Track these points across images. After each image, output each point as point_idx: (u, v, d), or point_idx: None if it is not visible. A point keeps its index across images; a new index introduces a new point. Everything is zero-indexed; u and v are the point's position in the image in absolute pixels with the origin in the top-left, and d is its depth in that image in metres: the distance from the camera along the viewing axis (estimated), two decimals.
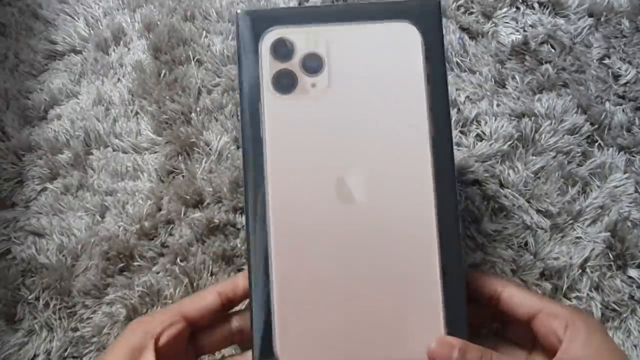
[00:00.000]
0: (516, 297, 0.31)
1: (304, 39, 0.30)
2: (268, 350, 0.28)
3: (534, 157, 0.45)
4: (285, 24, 0.30)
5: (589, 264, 0.43)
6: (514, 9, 0.51)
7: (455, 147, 0.46)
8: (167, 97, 0.48)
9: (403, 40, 0.30)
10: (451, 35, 0.50)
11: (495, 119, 0.47)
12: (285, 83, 0.30)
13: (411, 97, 0.30)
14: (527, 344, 0.33)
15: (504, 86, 0.48)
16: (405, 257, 0.29)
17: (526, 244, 0.43)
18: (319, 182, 0.29)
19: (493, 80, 0.48)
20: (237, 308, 0.34)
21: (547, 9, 0.51)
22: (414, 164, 0.29)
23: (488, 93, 0.48)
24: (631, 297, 0.42)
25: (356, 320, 0.28)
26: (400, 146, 0.29)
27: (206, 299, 0.32)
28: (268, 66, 0.30)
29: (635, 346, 0.41)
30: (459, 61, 0.49)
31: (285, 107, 0.30)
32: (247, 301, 0.33)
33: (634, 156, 0.46)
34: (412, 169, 0.29)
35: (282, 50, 0.30)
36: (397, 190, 0.29)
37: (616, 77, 0.49)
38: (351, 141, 0.29)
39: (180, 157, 0.46)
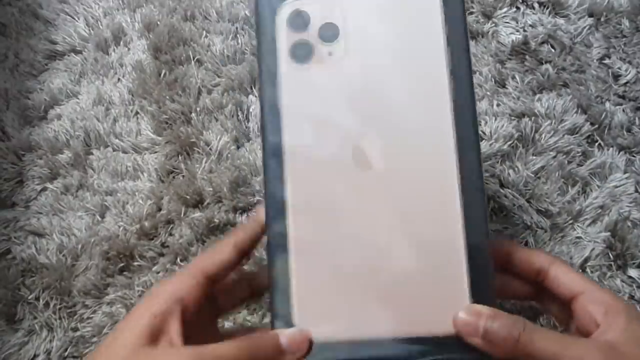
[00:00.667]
0: (561, 276, 0.30)
1: (319, 8, 0.30)
2: (286, 319, 0.28)
3: (534, 157, 0.45)
4: None
5: (589, 263, 0.43)
6: (514, 9, 0.51)
7: None
8: (167, 97, 0.48)
9: (420, 1, 0.29)
10: None
11: (496, 119, 0.47)
12: (302, 53, 0.30)
13: (430, 61, 0.29)
14: (563, 323, 0.32)
15: (504, 86, 0.48)
16: (427, 225, 0.28)
17: (526, 243, 0.43)
18: (336, 150, 0.28)
19: (493, 80, 0.48)
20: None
21: (547, 8, 0.51)
22: (434, 130, 0.28)
23: (488, 93, 0.48)
24: (631, 297, 0.42)
25: (377, 290, 0.27)
26: (419, 112, 0.28)
27: (224, 252, 0.30)
28: (285, 38, 0.30)
29: None
30: None
31: (302, 76, 0.29)
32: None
33: (634, 156, 0.46)
34: (432, 135, 0.28)
35: (298, 21, 0.30)
36: (417, 157, 0.28)
37: (616, 77, 0.49)
38: (369, 108, 0.29)
39: (180, 157, 0.46)
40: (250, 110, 0.47)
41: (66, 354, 0.42)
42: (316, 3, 0.30)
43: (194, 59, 0.49)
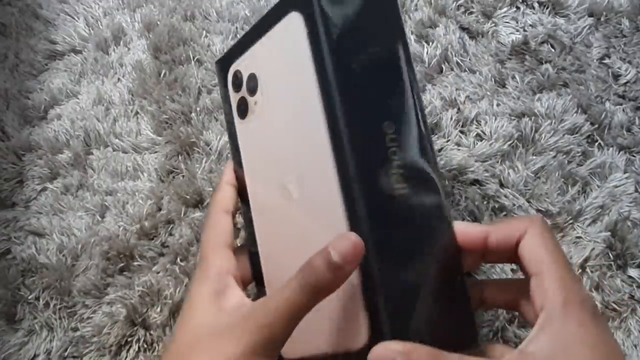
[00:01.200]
0: (525, 253, 0.27)
1: (245, 65, 0.33)
2: None
3: (534, 157, 0.45)
4: (238, 57, 0.33)
5: (589, 263, 0.43)
6: (514, 9, 0.51)
7: (455, 146, 0.46)
8: (167, 97, 0.48)
9: (294, 30, 0.28)
10: (451, 35, 0.50)
11: (495, 119, 0.47)
12: (243, 109, 0.33)
13: (306, 86, 0.28)
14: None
15: (504, 86, 0.48)
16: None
17: None
18: (272, 186, 0.31)
19: (493, 80, 0.48)
20: None
21: (547, 8, 0.51)
22: (319, 154, 0.27)
23: (488, 93, 0.48)
24: (631, 297, 0.42)
25: None
26: (309, 138, 0.28)
27: (226, 222, 0.33)
28: (233, 99, 0.34)
29: (635, 346, 0.41)
30: (459, 61, 0.49)
31: (245, 130, 0.33)
32: None
33: (634, 156, 0.46)
34: (319, 160, 0.28)
35: (236, 81, 0.33)
36: (314, 184, 0.28)
37: (616, 76, 0.49)
38: (283, 146, 0.30)
39: (180, 157, 0.46)
40: None
41: (66, 354, 0.42)
42: (245, 59, 0.32)
43: (194, 58, 0.49)
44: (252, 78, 0.32)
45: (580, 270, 0.43)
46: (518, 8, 0.51)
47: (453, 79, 0.49)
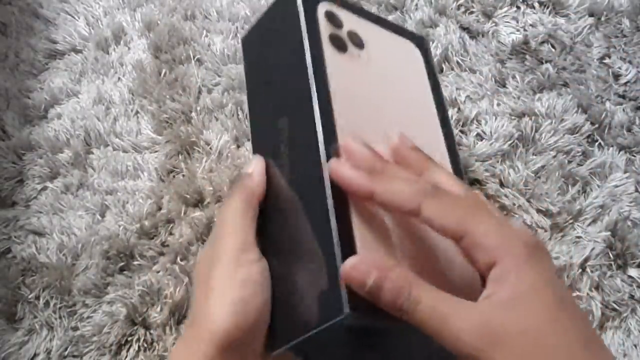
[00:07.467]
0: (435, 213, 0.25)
1: (348, 19, 0.37)
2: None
3: (534, 157, 0.45)
4: (329, 1, 0.37)
5: (589, 263, 0.43)
6: (515, 9, 0.51)
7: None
8: (168, 96, 0.48)
9: (409, 54, 0.39)
10: (451, 34, 0.50)
11: (496, 119, 0.47)
12: (339, 44, 0.35)
13: (424, 95, 0.38)
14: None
15: (504, 85, 0.48)
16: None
17: None
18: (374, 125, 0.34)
19: (493, 79, 0.48)
20: None
21: (547, 8, 0.51)
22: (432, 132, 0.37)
23: (488, 92, 0.48)
24: (631, 297, 0.42)
25: None
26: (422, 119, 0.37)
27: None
28: (324, 28, 0.35)
29: (635, 346, 0.41)
30: (459, 60, 0.49)
31: (341, 61, 0.35)
32: None
33: (634, 156, 0.46)
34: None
35: (333, 19, 0.36)
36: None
37: (616, 76, 0.49)
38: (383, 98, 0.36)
39: (180, 156, 0.46)
40: None
41: (66, 353, 0.42)
42: (345, 13, 0.37)
43: (194, 58, 0.49)
44: (358, 37, 0.36)
45: (580, 270, 0.42)
46: (518, 8, 0.51)
47: (453, 79, 0.49)
